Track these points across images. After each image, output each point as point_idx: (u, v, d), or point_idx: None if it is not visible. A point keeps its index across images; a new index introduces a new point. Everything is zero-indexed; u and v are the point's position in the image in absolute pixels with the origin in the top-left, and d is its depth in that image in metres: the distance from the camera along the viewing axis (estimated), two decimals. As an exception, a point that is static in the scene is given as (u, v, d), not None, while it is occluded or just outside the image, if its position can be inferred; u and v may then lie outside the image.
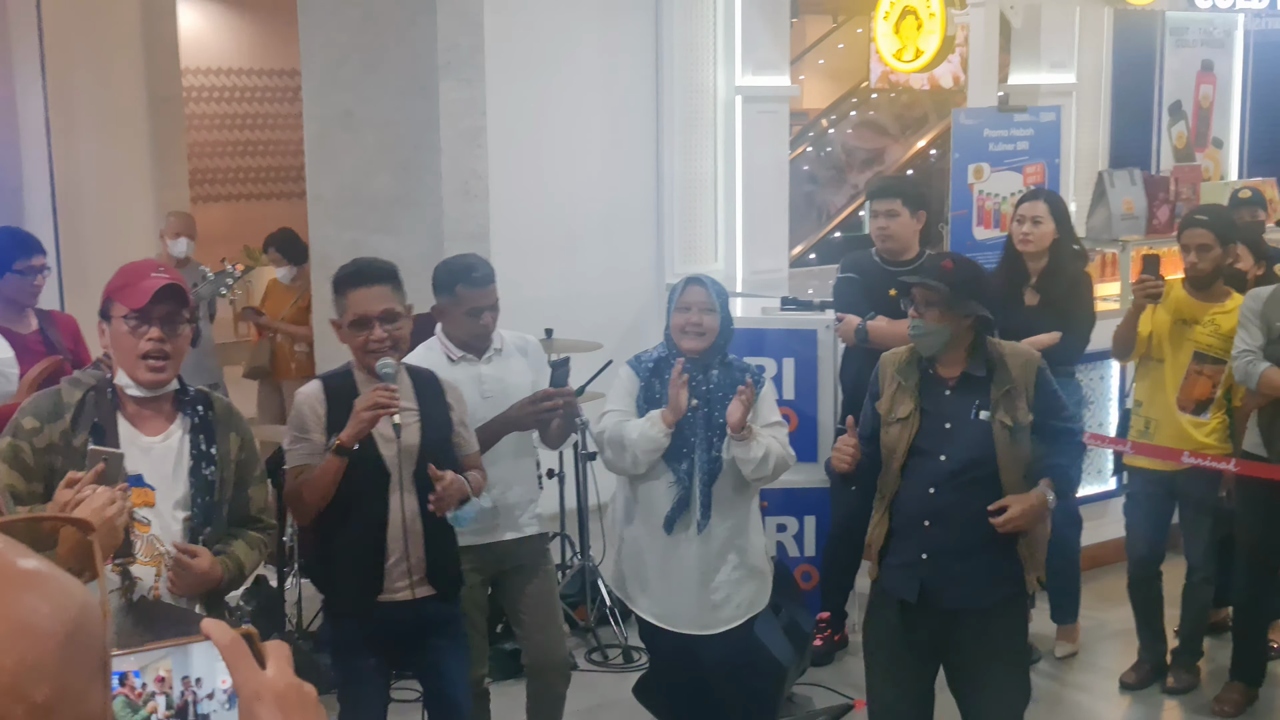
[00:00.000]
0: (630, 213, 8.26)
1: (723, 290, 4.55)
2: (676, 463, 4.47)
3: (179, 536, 3.30)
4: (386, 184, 7.67)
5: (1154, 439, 5.55)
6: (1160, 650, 5.82)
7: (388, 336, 3.90)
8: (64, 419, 3.24)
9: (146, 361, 3.27)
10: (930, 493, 4.08)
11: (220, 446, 3.39)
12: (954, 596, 4.10)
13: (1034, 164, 6.70)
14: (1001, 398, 4.06)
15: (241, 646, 1.34)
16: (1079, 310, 5.78)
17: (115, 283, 3.35)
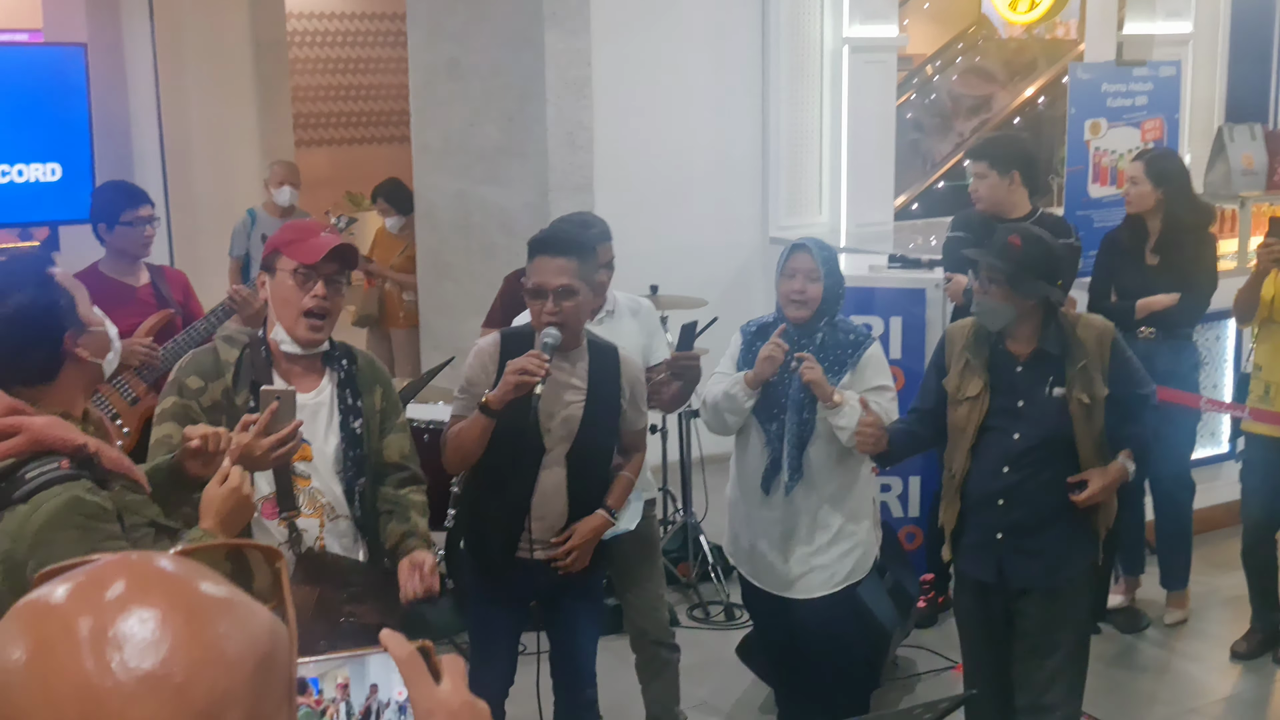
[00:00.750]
0: (735, 165, 8.20)
1: (830, 253, 4.46)
2: (768, 423, 4.45)
3: (337, 489, 3.37)
4: (492, 134, 7.68)
5: (1274, 404, 5.42)
6: (1273, 619, 5.70)
7: (559, 311, 3.80)
8: (225, 377, 3.29)
9: (309, 320, 3.31)
10: (1004, 471, 4.03)
11: (365, 400, 3.45)
12: (1029, 574, 4.06)
13: (1152, 119, 6.53)
14: (1078, 374, 3.98)
15: (418, 661, 1.35)
16: (1199, 273, 5.66)
17: (285, 237, 3.40)
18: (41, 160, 7.84)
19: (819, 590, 4.53)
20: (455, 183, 7.96)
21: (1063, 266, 4.24)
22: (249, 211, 8.16)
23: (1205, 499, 6.49)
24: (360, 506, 3.42)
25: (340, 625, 3.31)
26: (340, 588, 3.32)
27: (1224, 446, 6.92)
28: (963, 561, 4.20)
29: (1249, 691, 5.48)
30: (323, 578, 3.30)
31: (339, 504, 3.38)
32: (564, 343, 3.85)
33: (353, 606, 3.34)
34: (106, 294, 5.20)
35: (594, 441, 3.94)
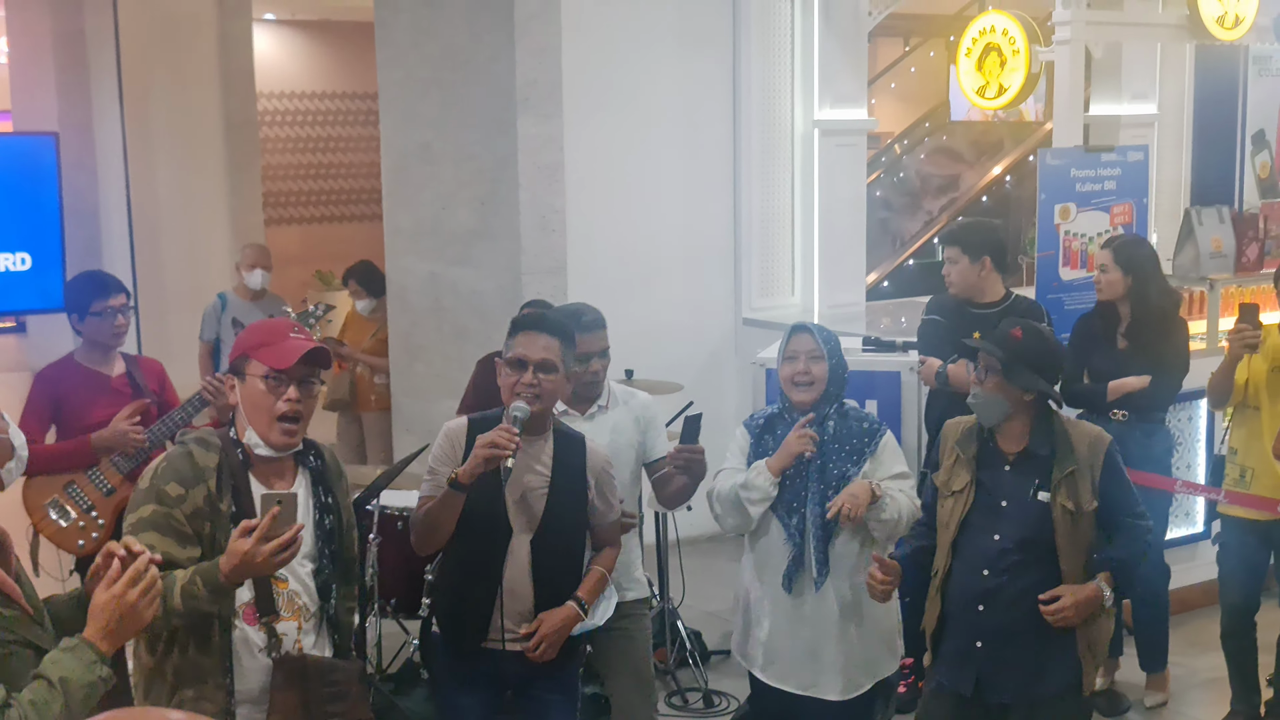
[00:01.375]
0: (708, 247, 8.24)
1: (830, 334, 4.44)
2: (788, 517, 4.37)
3: (313, 588, 3.34)
4: (465, 217, 7.69)
5: (1250, 488, 5.44)
6: (1255, 701, 5.68)
7: (537, 384, 3.84)
8: (207, 483, 3.23)
9: (282, 424, 3.28)
10: (984, 574, 3.95)
11: (336, 494, 3.44)
12: (1008, 687, 3.96)
13: (1121, 204, 6.59)
14: (1064, 479, 3.92)
15: None
16: (1170, 356, 5.69)
17: (253, 340, 3.36)
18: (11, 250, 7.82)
19: (848, 692, 4.42)
20: (427, 265, 7.96)
21: (1060, 364, 4.21)
22: (220, 295, 8.13)
23: (1181, 580, 6.49)
24: (334, 602, 3.40)
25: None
26: (321, 688, 3.28)
27: (1199, 527, 6.93)
28: (940, 671, 4.09)
29: (1232, 776, 5.44)
30: (304, 680, 3.26)
31: (314, 603, 3.35)
32: (532, 425, 3.86)
33: (334, 706, 3.31)
34: (82, 384, 5.19)
35: (559, 528, 3.91)
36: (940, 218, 12.41)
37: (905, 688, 5.86)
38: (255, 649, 3.26)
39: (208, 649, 3.21)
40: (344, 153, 15.85)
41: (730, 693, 5.98)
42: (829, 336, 4.43)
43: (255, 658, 3.26)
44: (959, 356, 5.64)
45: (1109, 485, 3.95)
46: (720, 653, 6.41)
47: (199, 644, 3.21)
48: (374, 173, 14.39)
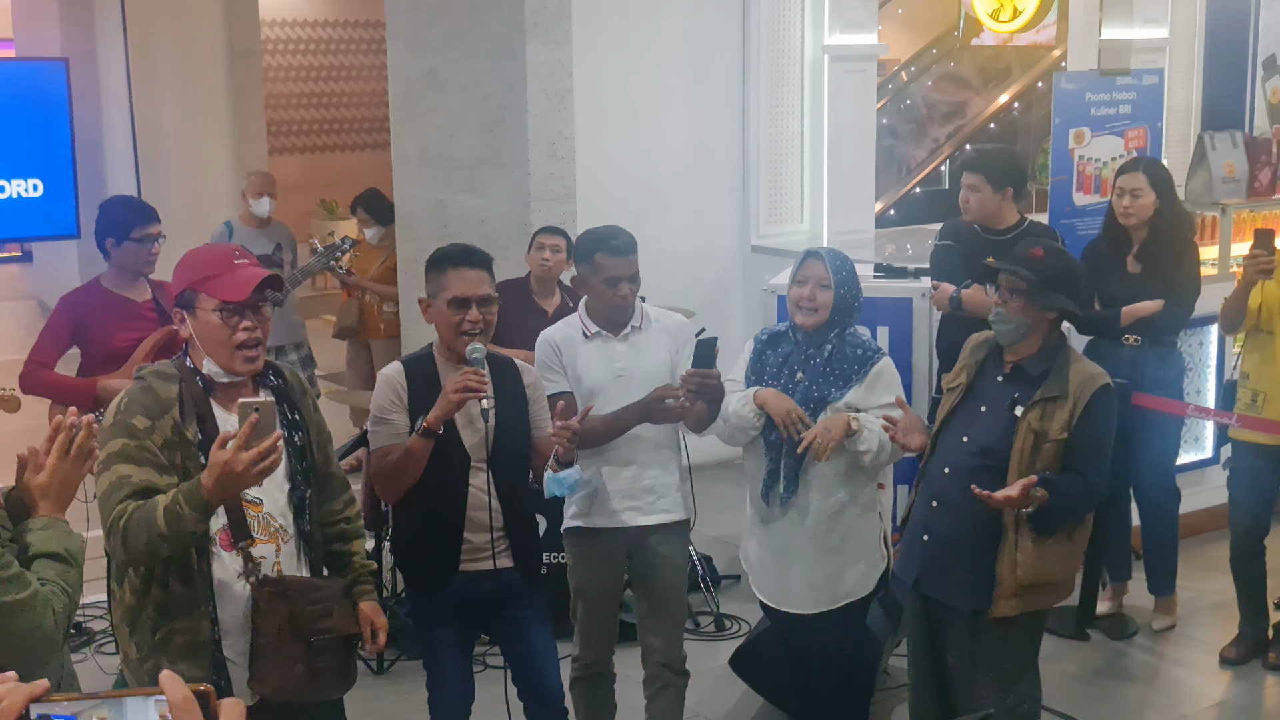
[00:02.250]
0: (716, 174, 8.20)
1: (844, 263, 4.44)
2: (768, 433, 4.44)
3: (288, 509, 3.35)
4: (472, 145, 7.65)
5: (1262, 412, 5.45)
6: (1262, 625, 5.73)
7: (481, 319, 3.92)
8: (170, 414, 3.22)
9: (242, 352, 3.26)
10: (945, 472, 4.04)
11: (303, 411, 3.44)
12: (939, 588, 4.04)
13: (1136, 128, 6.55)
14: (1043, 401, 3.92)
15: (193, 706, 1.33)
16: (1183, 279, 5.68)
17: (199, 272, 3.30)
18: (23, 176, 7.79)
19: (815, 607, 4.51)
20: (434, 192, 7.93)
21: (1081, 284, 4.21)
22: (225, 224, 8.11)
23: (1190, 504, 6.51)
24: (309, 520, 3.41)
25: (314, 644, 3.30)
26: (305, 606, 3.30)
27: (1208, 452, 6.95)
28: (898, 562, 4.25)
29: (1240, 698, 5.50)
30: (288, 601, 3.27)
31: (289, 524, 3.36)
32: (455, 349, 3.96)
33: (321, 623, 3.32)
34: (108, 309, 5.21)
35: (510, 447, 4.00)
36: (946, 145, 12.34)
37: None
38: (234, 575, 3.25)
39: (188, 580, 3.21)
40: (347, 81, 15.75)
41: (741, 616, 6.03)
42: (841, 265, 4.43)
43: (235, 583, 3.25)
44: (972, 282, 5.63)
45: (1084, 427, 3.91)
46: (730, 577, 6.45)
47: (179, 576, 3.20)
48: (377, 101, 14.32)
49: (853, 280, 4.44)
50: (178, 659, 3.21)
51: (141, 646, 3.26)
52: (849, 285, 4.41)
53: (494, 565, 3.99)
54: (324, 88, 15.67)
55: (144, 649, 3.25)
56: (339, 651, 3.40)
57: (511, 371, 4.11)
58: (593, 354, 4.41)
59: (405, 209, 8.19)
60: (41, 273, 13.63)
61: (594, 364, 4.40)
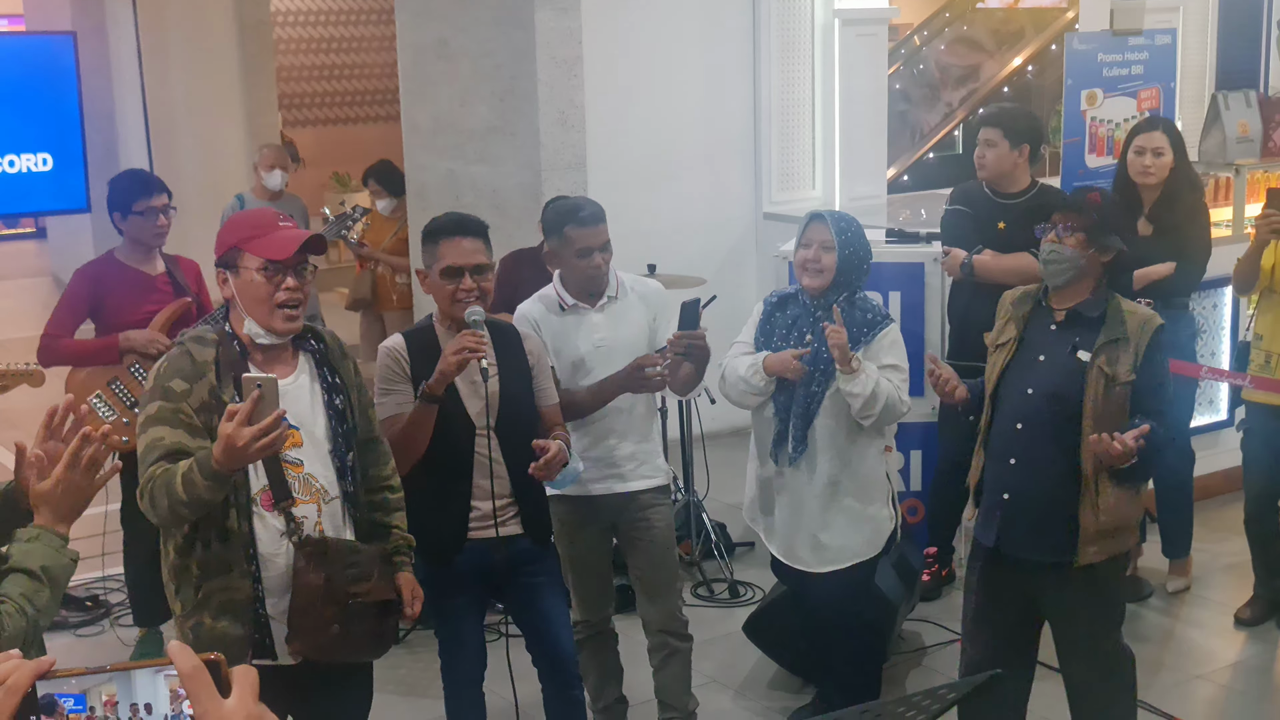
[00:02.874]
0: (728, 141, 8.18)
1: (849, 225, 4.44)
2: (777, 394, 4.50)
3: (330, 470, 3.38)
4: (483, 114, 7.63)
5: (1275, 373, 5.43)
6: (1277, 586, 5.73)
7: (476, 287, 3.93)
8: (208, 377, 3.26)
9: (283, 311, 3.30)
10: (1018, 428, 3.98)
11: (343, 374, 3.47)
12: (1027, 545, 3.99)
13: (1149, 88, 6.51)
14: (1107, 345, 3.89)
15: (203, 675, 1.33)
16: (1195, 240, 5.65)
17: (243, 232, 3.35)
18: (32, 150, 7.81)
19: (822, 566, 4.56)
20: (446, 163, 7.92)
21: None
22: (238, 196, 8.13)
23: (1204, 466, 6.51)
24: (352, 482, 3.44)
25: (349, 607, 3.33)
26: (344, 569, 3.32)
27: (1223, 414, 6.94)
28: (977, 526, 4.16)
29: (1255, 658, 5.50)
30: (326, 562, 3.30)
31: (332, 486, 3.39)
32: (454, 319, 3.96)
33: (358, 586, 3.35)
34: (124, 282, 5.24)
35: (516, 411, 4.00)
36: (960, 109, 12.27)
37: (930, 576, 5.93)
38: (276, 534, 3.30)
39: (228, 539, 3.26)
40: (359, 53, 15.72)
41: (755, 583, 6.05)
42: (845, 227, 4.43)
43: (277, 543, 3.30)
44: (984, 247, 5.62)
45: (1149, 367, 3.91)
46: (745, 544, 6.47)
47: (219, 536, 3.26)
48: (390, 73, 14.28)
49: (859, 242, 4.44)
50: (220, 616, 3.28)
51: (186, 604, 3.32)
52: (854, 246, 4.41)
53: (496, 534, 3.99)
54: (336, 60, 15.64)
55: (188, 606, 3.32)
56: (374, 616, 3.42)
57: (514, 338, 4.12)
58: (570, 326, 4.42)
59: (417, 180, 8.18)
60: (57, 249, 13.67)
61: (572, 336, 4.41)
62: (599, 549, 4.58)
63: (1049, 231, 4.01)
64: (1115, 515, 3.94)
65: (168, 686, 1.35)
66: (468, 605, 4.15)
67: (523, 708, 4.15)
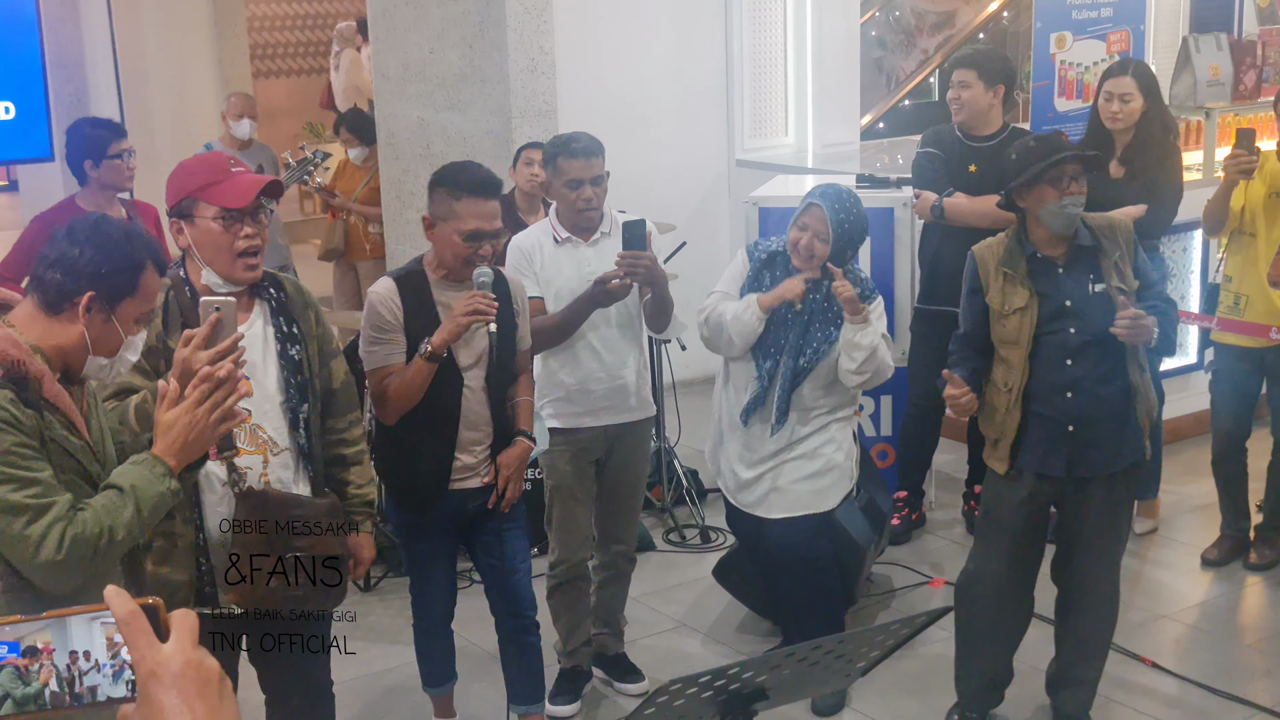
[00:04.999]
0: (699, 87, 8.13)
1: (847, 214, 4.41)
2: (763, 360, 4.51)
3: (280, 422, 3.35)
4: (453, 61, 7.58)
5: (1244, 315, 5.45)
6: (1243, 526, 5.78)
7: (493, 252, 3.94)
8: (155, 322, 3.22)
9: (243, 260, 3.26)
10: (1068, 364, 4.11)
11: (301, 325, 3.42)
12: (1094, 463, 4.16)
13: (1118, 31, 6.48)
14: (1112, 267, 4.10)
15: (140, 620, 1.31)
16: (1166, 183, 5.64)
17: (197, 180, 3.28)
18: (-5, 98, 7.74)
19: (783, 511, 4.61)
20: (416, 110, 7.87)
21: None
22: (206, 146, 8.06)
23: (1174, 409, 6.54)
24: (306, 435, 3.40)
25: (289, 560, 3.28)
26: (286, 522, 3.29)
27: (1192, 357, 6.96)
28: (1026, 459, 4.21)
29: (1221, 598, 5.55)
30: (265, 514, 3.27)
31: (281, 437, 3.35)
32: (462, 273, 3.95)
33: (300, 540, 3.30)
34: None
35: (504, 361, 4.00)
36: (936, 55, 12.21)
37: (899, 520, 5.95)
38: (218, 484, 3.28)
39: None
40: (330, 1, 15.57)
41: (725, 528, 6.05)
42: (845, 218, 4.40)
43: (220, 492, 3.28)
44: (955, 189, 5.61)
45: (1140, 264, 4.20)
46: (716, 490, 6.48)
47: None
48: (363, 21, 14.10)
49: (855, 229, 4.46)
50: (162, 562, 3.27)
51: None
52: (849, 235, 4.44)
53: (481, 482, 4.03)
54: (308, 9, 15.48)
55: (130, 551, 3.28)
56: (320, 570, 3.37)
57: (502, 287, 4.06)
58: (563, 259, 4.44)
59: (388, 128, 8.13)
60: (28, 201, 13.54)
61: (564, 269, 4.44)
62: (587, 486, 4.61)
63: (1066, 183, 4.08)
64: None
65: (104, 634, 1.34)
66: (441, 550, 4.19)
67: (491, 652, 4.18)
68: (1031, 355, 4.13)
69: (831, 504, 4.63)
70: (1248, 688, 4.79)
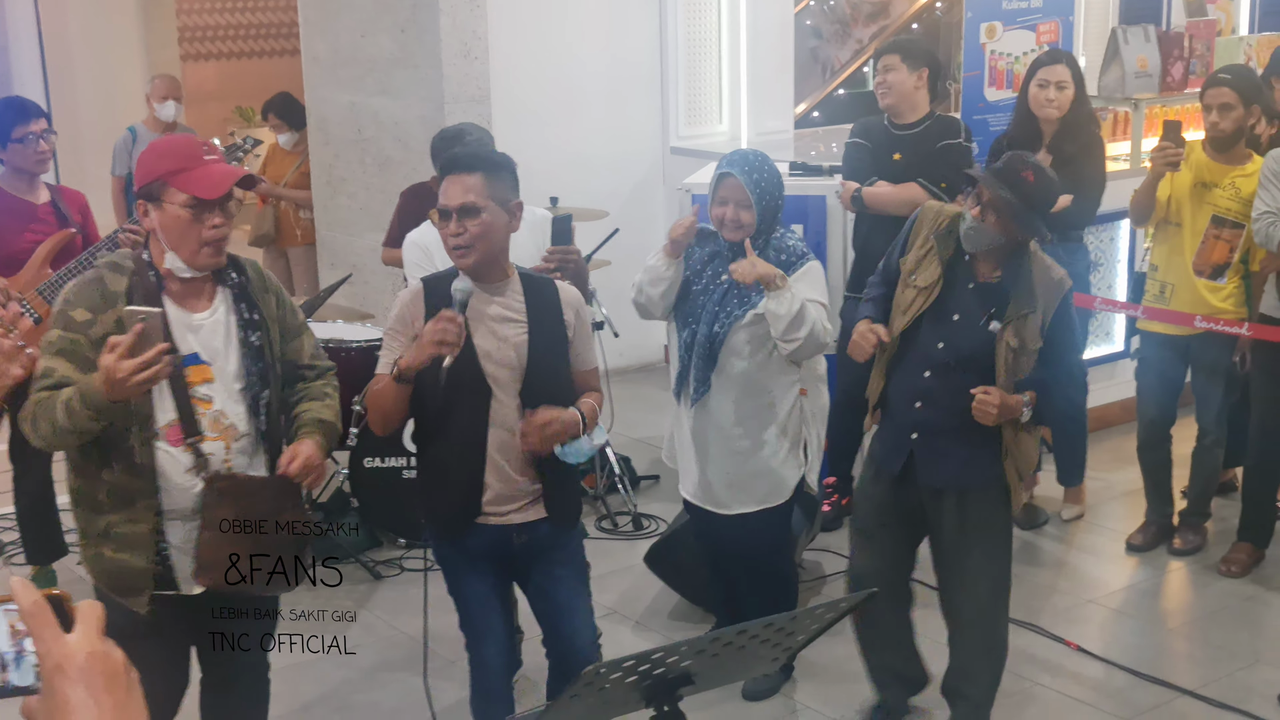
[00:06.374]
0: (633, 74, 8.10)
1: (763, 175, 4.32)
2: (682, 330, 4.47)
3: (240, 407, 3.31)
4: (385, 45, 7.52)
5: (1170, 303, 5.51)
6: (1168, 512, 5.85)
7: (463, 232, 3.52)
8: (116, 308, 3.18)
9: (208, 248, 3.22)
10: (925, 375, 4.03)
11: (263, 309, 3.38)
12: (937, 473, 4.06)
13: (1048, 22, 6.53)
14: (1017, 320, 3.93)
15: (44, 610, 1.30)
16: (1091, 173, 5.70)
17: (169, 164, 3.22)
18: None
19: (727, 508, 4.54)
20: (347, 95, 7.80)
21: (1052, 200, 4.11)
22: (130, 129, 7.97)
23: (1101, 397, 6.62)
24: (266, 420, 3.37)
25: (255, 540, 3.27)
26: (250, 505, 3.28)
27: (1119, 345, 7.05)
28: (877, 451, 4.20)
29: (1144, 582, 5.62)
30: (232, 499, 3.26)
31: (242, 422, 3.33)
32: (484, 273, 3.57)
33: (267, 522, 3.29)
34: (6, 211, 5.14)
35: (545, 376, 3.59)
36: (870, 46, 12.26)
37: (829, 506, 5.98)
38: (183, 469, 3.25)
39: (132, 472, 3.22)
40: (262, -15, 15.38)
41: (658, 515, 6.07)
42: (760, 178, 4.30)
43: (183, 478, 3.25)
44: (877, 179, 5.64)
45: (1056, 328, 3.97)
46: (649, 477, 6.49)
47: (125, 467, 3.22)
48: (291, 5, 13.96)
49: (772, 186, 4.35)
50: (121, 549, 3.26)
51: (87, 534, 3.32)
52: (769, 195, 4.33)
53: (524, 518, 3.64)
54: (238, -9, 15.30)
55: (89, 536, 3.31)
56: (282, 549, 3.34)
57: (549, 290, 3.69)
58: None
59: (318, 112, 8.06)
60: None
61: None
62: None
63: (971, 201, 3.95)
64: (1029, 458, 4.10)
65: (7, 623, 1.32)
66: (485, 592, 3.75)
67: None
68: (905, 336, 4.04)
69: (779, 498, 4.53)
70: (1171, 671, 4.85)
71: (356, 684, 4.82)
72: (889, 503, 4.20)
